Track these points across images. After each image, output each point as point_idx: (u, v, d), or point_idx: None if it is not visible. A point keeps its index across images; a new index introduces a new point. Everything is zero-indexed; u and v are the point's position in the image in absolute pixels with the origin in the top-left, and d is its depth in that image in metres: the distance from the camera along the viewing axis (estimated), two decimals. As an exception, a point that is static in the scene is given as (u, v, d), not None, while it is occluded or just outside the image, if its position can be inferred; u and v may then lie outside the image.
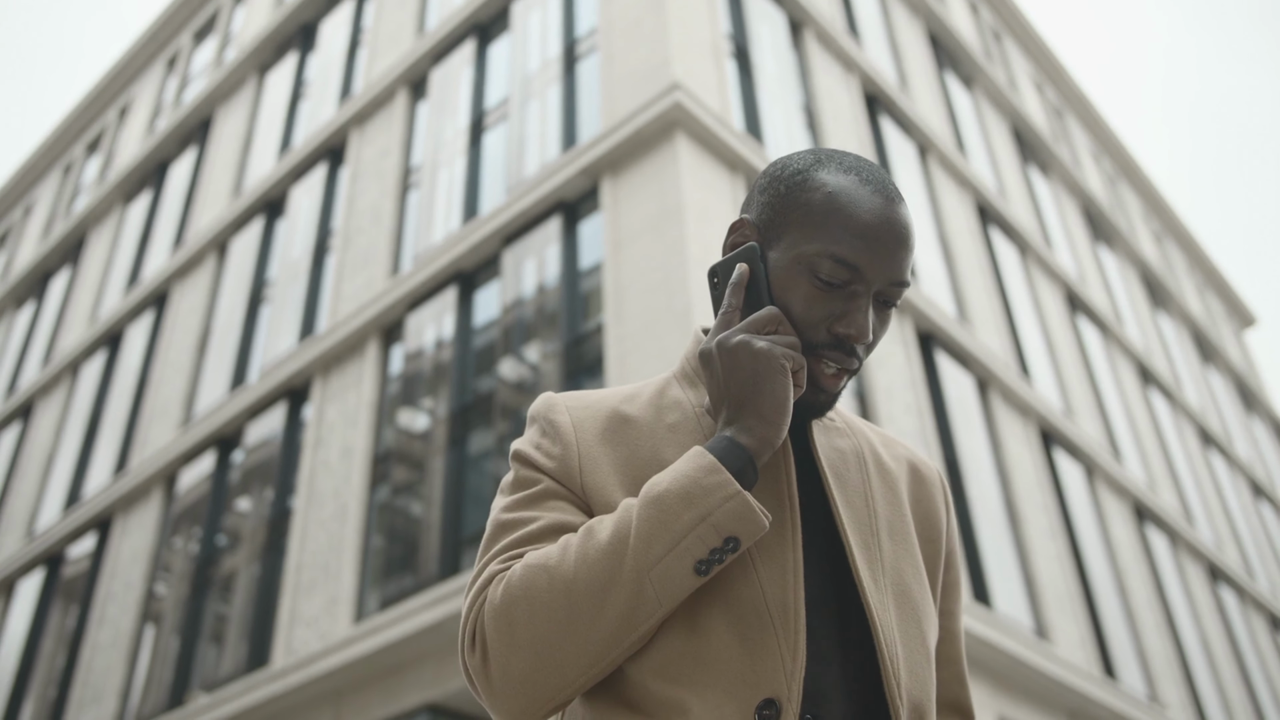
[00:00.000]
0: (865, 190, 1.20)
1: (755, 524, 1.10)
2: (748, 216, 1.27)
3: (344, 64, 15.57)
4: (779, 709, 1.08)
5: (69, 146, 23.29)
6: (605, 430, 1.24)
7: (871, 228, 1.18)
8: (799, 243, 1.20)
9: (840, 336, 1.19)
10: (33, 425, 17.91)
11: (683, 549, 1.08)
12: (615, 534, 1.10)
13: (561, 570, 1.10)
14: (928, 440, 11.32)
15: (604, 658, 1.09)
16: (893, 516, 1.25)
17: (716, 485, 1.09)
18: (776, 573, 1.14)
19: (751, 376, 1.14)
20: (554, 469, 1.22)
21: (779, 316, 1.18)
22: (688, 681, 1.10)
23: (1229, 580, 18.24)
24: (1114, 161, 24.72)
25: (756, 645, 1.11)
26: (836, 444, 1.28)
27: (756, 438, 1.13)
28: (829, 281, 1.18)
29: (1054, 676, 10.84)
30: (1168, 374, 20.70)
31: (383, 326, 11.95)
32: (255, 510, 12.33)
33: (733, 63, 11.74)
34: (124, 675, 12.36)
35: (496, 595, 1.11)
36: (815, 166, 1.24)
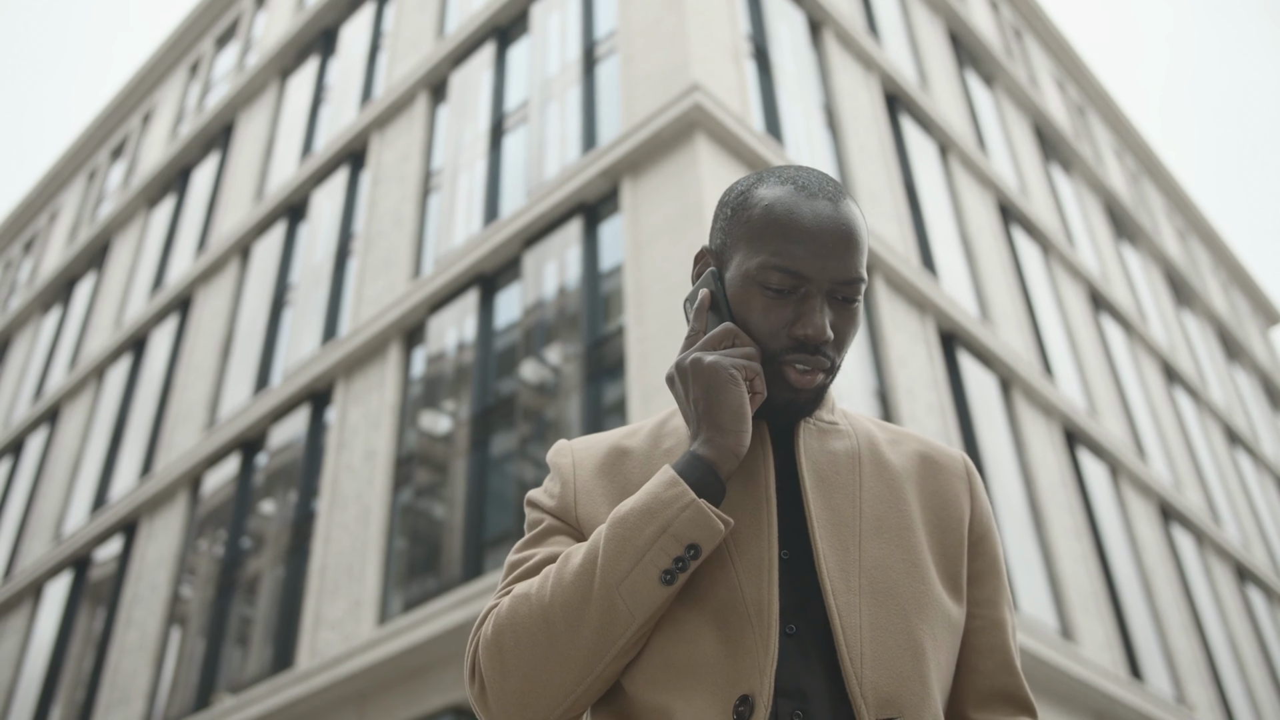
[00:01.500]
0: (801, 197, 1.26)
1: (712, 529, 1.15)
2: (708, 246, 1.35)
3: (365, 68, 15.65)
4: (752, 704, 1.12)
5: (94, 153, 23.50)
6: (603, 465, 1.33)
7: (809, 232, 1.23)
8: (746, 259, 1.26)
9: (799, 339, 1.24)
10: (59, 429, 18.08)
11: (647, 562, 1.14)
12: (585, 557, 1.17)
13: (540, 596, 1.17)
14: (951, 440, 11.27)
15: (589, 674, 1.16)
16: (886, 514, 1.26)
17: (674, 497, 1.16)
18: (753, 572, 1.19)
19: (704, 390, 1.20)
20: (554, 507, 1.31)
21: (733, 330, 1.24)
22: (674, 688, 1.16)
23: (1257, 580, 18.07)
24: (1137, 159, 24.55)
25: (736, 644, 1.16)
26: (831, 446, 1.31)
27: (715, 448, 1.18)
28: (779, 290, 1.24)
29: (1079, 678, 10.77)
30: (1193, 372, 20.53)
31: (404, 329, 12.00)
32: (279, 513, 12.40)
33: (752, 63, 11.73)
34: (150, 677, 12.46)
35: (488, 629, 1.20)
36: (756, 184, 1.30)
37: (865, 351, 11.00)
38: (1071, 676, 10.70)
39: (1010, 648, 1.32)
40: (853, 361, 10.67)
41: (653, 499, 1.17)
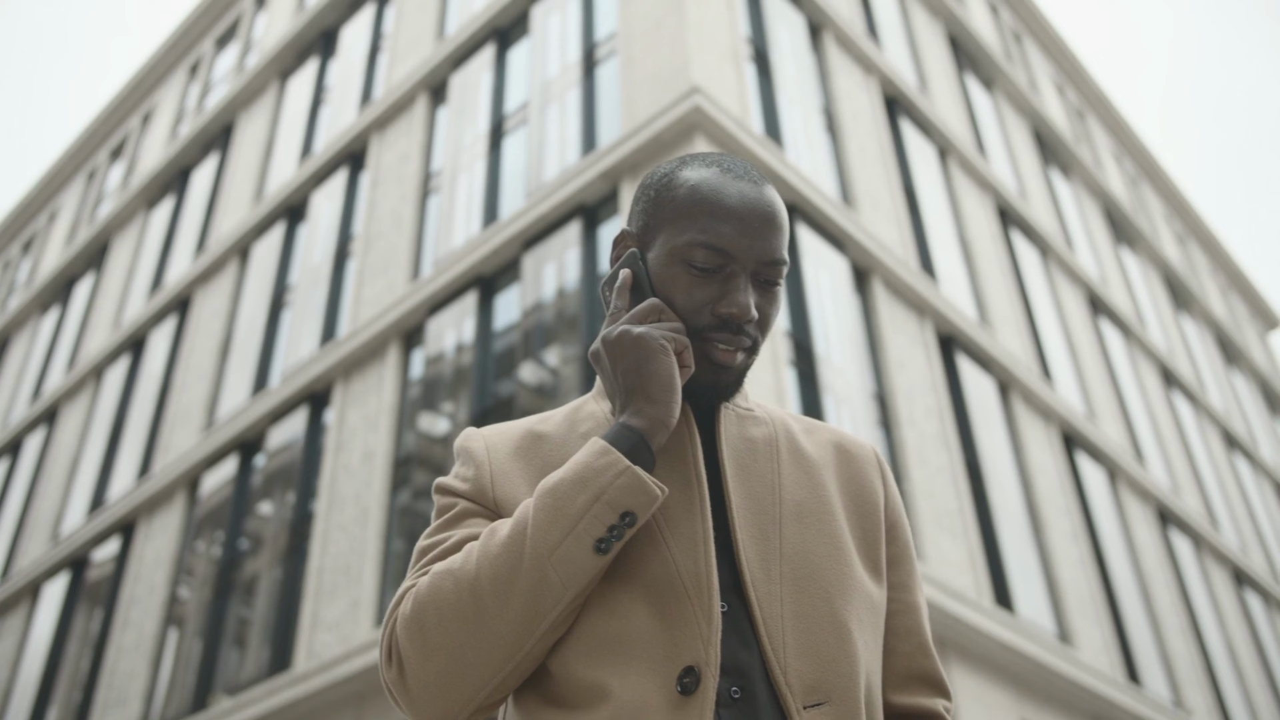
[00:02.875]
0: (727, 178, 1.27)
1: (648, 495, 1.13)
2: (628, 228, 1.34)
3: (364, 69, 15.65)
4: (698, 675, 1.11)
5: (93, 153, 23.49)
6: (518, 448, 1.30)
7: (735, 211, 1.24)
8: (671, 238, 1.26)
9: (723, 317, 1.24)
10: (57, 430, 18.06)
11: (580, 530, 1.11)
12: (514, 528, 1.14)
13: (465, 571, 1.13)
14: (949, 443, 11.27)
15: (517, 650, 1.12)
16: (806, 500, 1.27)
17: (607, 465, 1.14)
18: (687, 546, 1.18)
19: (634, 362, 1.19)
20: (468, 490, 1.27)
21: (659, 306, 1.24)
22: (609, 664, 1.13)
23: (1254, 585, 18.08)
24: (1136, 163, 24.57)
25: (674, 618, 1.14)
26: (749, 433, 1.31)
27: (646, 418, 1.17)
28: (703, 268, 1.24)
29: (1077, 681, 10.77)
30: (1191, 376, 20.54)
31: (403, 331, 12.00)
32: (277, 514, 12.39)
33: (752, 66, 11.73)
34: (147, 678, 12.44)
35: (407, 608, 1.15)
36: (679, 167, 1.31)
37: (864, 354, 11.01)
38: (1069, 680, 10.70)
39: (925, 630, 1.34)
40: (851, 365, 10.68)
41: (584, 468, 1.14)
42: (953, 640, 9.73)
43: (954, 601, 9.52)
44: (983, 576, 10.56)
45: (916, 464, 10.52)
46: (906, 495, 10.27)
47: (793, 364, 9.85)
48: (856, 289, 11.55)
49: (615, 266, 1.32)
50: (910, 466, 10.42)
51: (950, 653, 9.70)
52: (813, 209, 11.04)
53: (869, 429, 10.40)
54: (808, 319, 10.39)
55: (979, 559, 10.68)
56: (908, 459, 10.46)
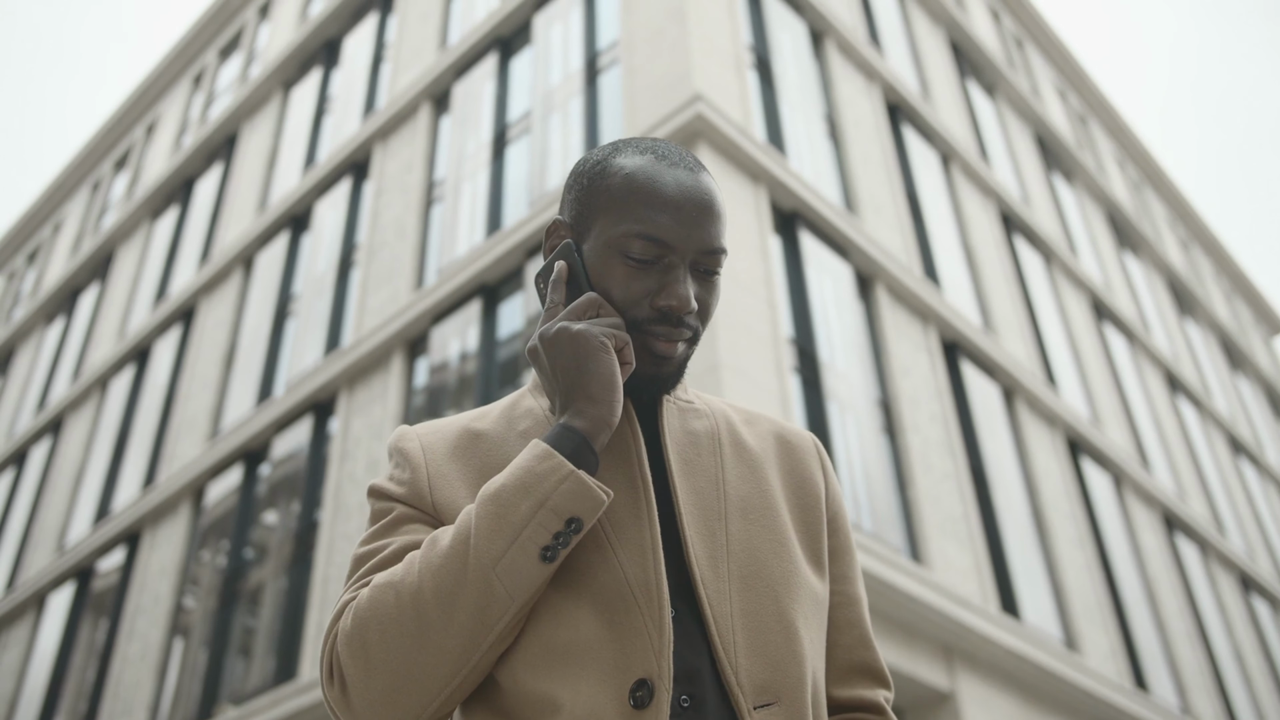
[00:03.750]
0: (662, 166, 1.23)
1: (593, 500, 1.10)
2: (561, 218, 1.30)
3: (367, 79, 15.69)
4: (651, 688, 1.08)
5: (97, 164, 23.56)
6: (455, 448, 1.25)
7: (673, 201, 1.20)
8: (607, 228, 1.22)
9: (662, 309, 1.20)
10: (63, 440, 18.09)
11: (525, 539, 1.08)
12: (456, 538, 1.10)
13: (407, 583, 1.09)
14: (954, 450, 11.26)
15: (464, 664, 1.08)
16: (750, 495, 1.25)
17: (550, 470, 1.10)
18: (635, 553, 1.15)
19: (574, 360, 1.15)
20: (404, 494, 1.22)
21: (598, 300, 1.20)
22: (558, 676, 1.09)
23: (1261, 590, 18.02)
24: (1139, 168, 24.56)
25: (624, 628, 1.11)
26: (691, 426, 1.29)
27: (588, 418, 1.13)
28: (641, 259, 1.20)
29: (1084, 688, 10.73)
30: (1196, 382, 20.51)
31: (407, 340, 12.01)
32: (282, 523, 12.40)
33: (754, 73, 11.75)
34: (153, 688, 12.44)
35: (347, 623, 1.11)
36: (613, 154, 1.26)
37: (868, 361, 11.00)
38: (1076, 686, 10.67)
39: (866, 622, 1.33)
40: (855, 371, 10.67)
41: (526, 473, 1.10)
42: (959, 647, 9.71)
43: (960, 608, 9.50)
44: (988, 583, 10.54)
45: (921, 470, 10.51)
46: (911, 502, 10.26)
47: (797, 371, 9.85)
48: (860, 295, 11.55)
49: (549, 258, 1.28)
50: (915, 473, 10.41)
51: (956, 660, 9.68)
52: (816, 216, 11.04)
53: (873, 436, 10.39)
54: (811, 326, 10.39)
55: (984, 565, 10.66)
56: (913, 465, 10.45)
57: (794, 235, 10.87)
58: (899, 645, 9.14)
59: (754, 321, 9.35)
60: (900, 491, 10.34)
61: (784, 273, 10.46)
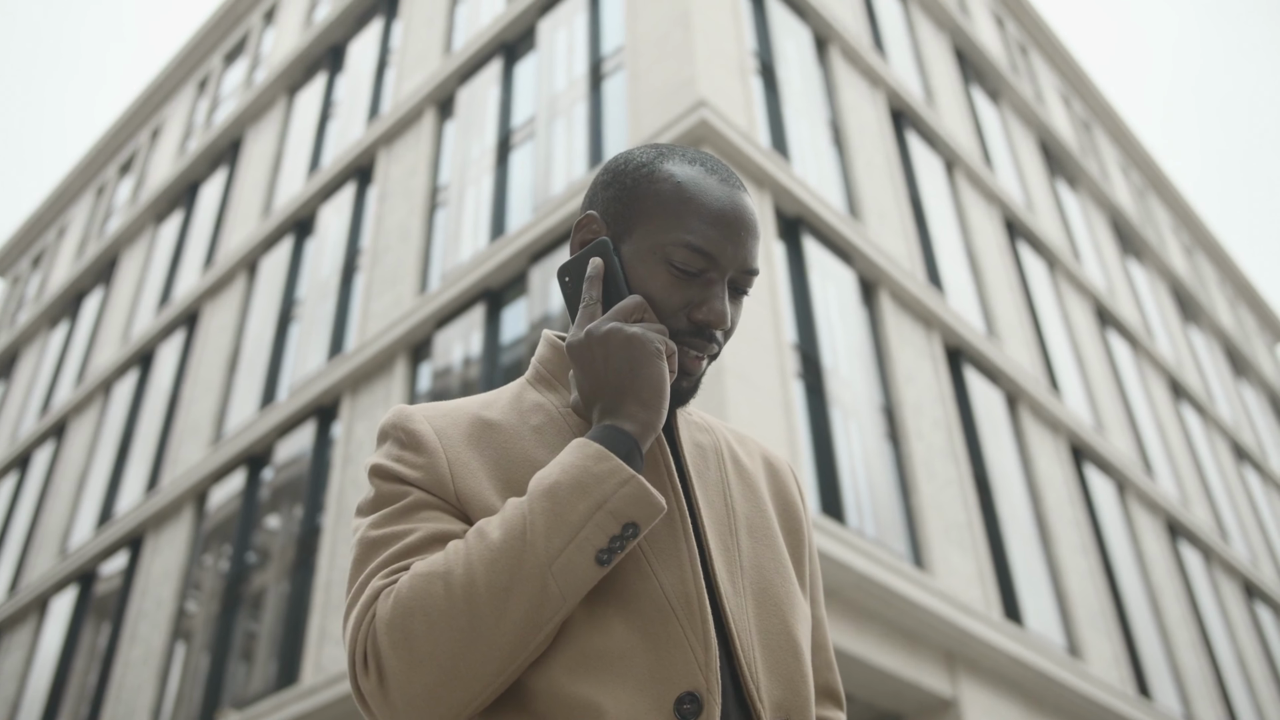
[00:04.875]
0: (713, 180, 1.22)
1: (653, 506, 1.07)
2: (593, 212, 1.26)
3: (372, 84, 15.72)
4: (701, 702, 1.07)
5: (102, 168, 23.60)
6: (470, 436, 1.20)
7: (723, 216, 1.20)
8: (653, 233, 1.20)
9: (699, 323, 1.19)
10: (66, 444, 18.11)
11: (582, 539, 1.05)
12: (510, 532, 1.06)
13: (457, 575, 1.04)
14: (957, 456, 11.25)
15: (510, 663, 1.05)
16: (752, 514, 1.25)
17: (609, 472, 1.07)
18: (673, 565, 1.13)
19: (627, 363, 1.12)
20: (421, 479, 1.16)
21: (644, 304, 1.17)
22: (598, 681, 1.07)
23: (1265, 597, 17.98)
24: (1143, 174, 24.55)
25: (661, 639, 1.09)
26: (699, 440, 1.28)
27: (639, 423, 1.11)
28: (685, 269, 1.19)
29: (1087, 695, 10.71)
30: (1200, 388, 20.49)
31: (411, 344, 12.02)
32: (285, 528, 12.40)
33: (758, 79, 11.76)
34: (155, 693, 12.44)
35: (386, 610, 1.05)
36: (660, 159, 1.25)
37: (871, 367, 11.00)
38: (1079, 694, 10.65)
39: (830, 644, 1.34)
40: (859, 377, 10.67)
41: (583, 472, 1.07)
42: (962, 654, 9.70)
43: (963, 615, 9.49)
44: (991, 589, 10.52)
45: (925, 477, 10.50)
46: (914, 508, 10.25)
47: (800, 377, 9.85)
48: (864, 301, 11.55)
49: (581, 252, 1.24)
50: (919, 479, 10.40)
51: (959, 666, 9.66)
52: (819, 222, 11.05)
53: (877, 442, 10.39)
54: (815, 332, 10.39)
55: (988, 572, 10.64)
56: (916, 472, 10.44)
57: (798, 241, 10.88)
58: (902, 651, 9.12)
59: (757, 327, 9.35)
60: (903, 498, 10.33)
61: (788, 278, 10.47)
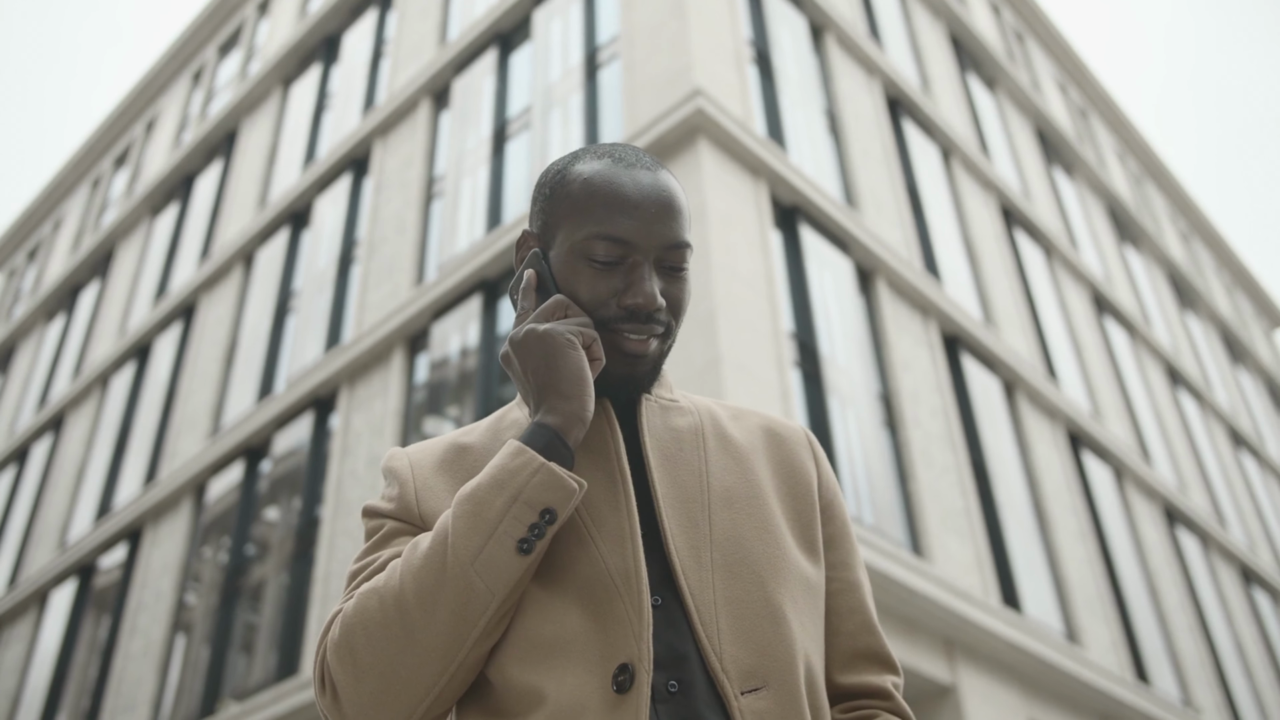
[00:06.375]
0: (620, 168, 1.26)
1: (565, 490, 1.12)
2: (529, 229, 1.33)
3: (367, 75, 15.68)
4: (632, 672, 1.10)
5: (97, 161, 23.55)
6: (441, 462, 1.29)
7: (631, 200, 1.23)
8: (570, 234, 1.25)
9: (630, 308, 1.23)
10: (64, 437, 18.10)
11: (501, 533, 1.10)
12: (435, 539, 1.12)
13: (389, 587, 1.11)
14: (955, 443, 11.26)
15: (450, 662, 1.10)
16: (734, 485, 1.26)
17: (522, 465, 1.13)
18: (615, 543, 1.17)
19: (542, 359, 1.18)
20: (394, 509, 1.25)
21: (565, 302, 1.23)
22: (544, 668, 1.11)
23: (1262, 582, 18.03)
24: (1139, 161, 24.54)
25: (606, 617, 1.13)
26: (673, 423, 1.31)
27: (560, 414, 1.16)
28: (605, 260, 1.23)
29: (1085, 680, 10.75)
30: (1197, 375, 20.51)
31: (408, 335, 12.01)
32: (283, 519, 12.41)
33: (754, 68, 11.74)
34: (156, 684, 12.46)
35: (335, 632, 1.13)
36: (572, 162, 1.30)
37: (868, 356, 11.00)
38: (1077, 680, 10.68)
39: (869, 608, 1.33)
40: (856, 366, 10.67)
41: (499, 470, 1.13)
42: (960, 640, 9.72)
43: (961, 601, 9.51)
44: (989, 576, 10.55)
45: (922, 464, 10.52)
46: (912, 496, 10.26)
47: (797, 365, 9.85)
48: (860, 290, 11.55)
49: (520, 269, 1.31)
50: (916, 467, 10.41)
51: (958, 653, 9.69)
52: (816, 210, 11.04)
53: (874, 430, 10.40)
54: (812, 320, 10.39)
55: (985, 559, 10.67)
56: (913, 459, 10.45)
57: (794, 230, 10.87)
58: (900, 638, 9.15)
59: (754, 316, 9.35)
60: (901, 485, 10.35)
61: (784, 267, 10.46)
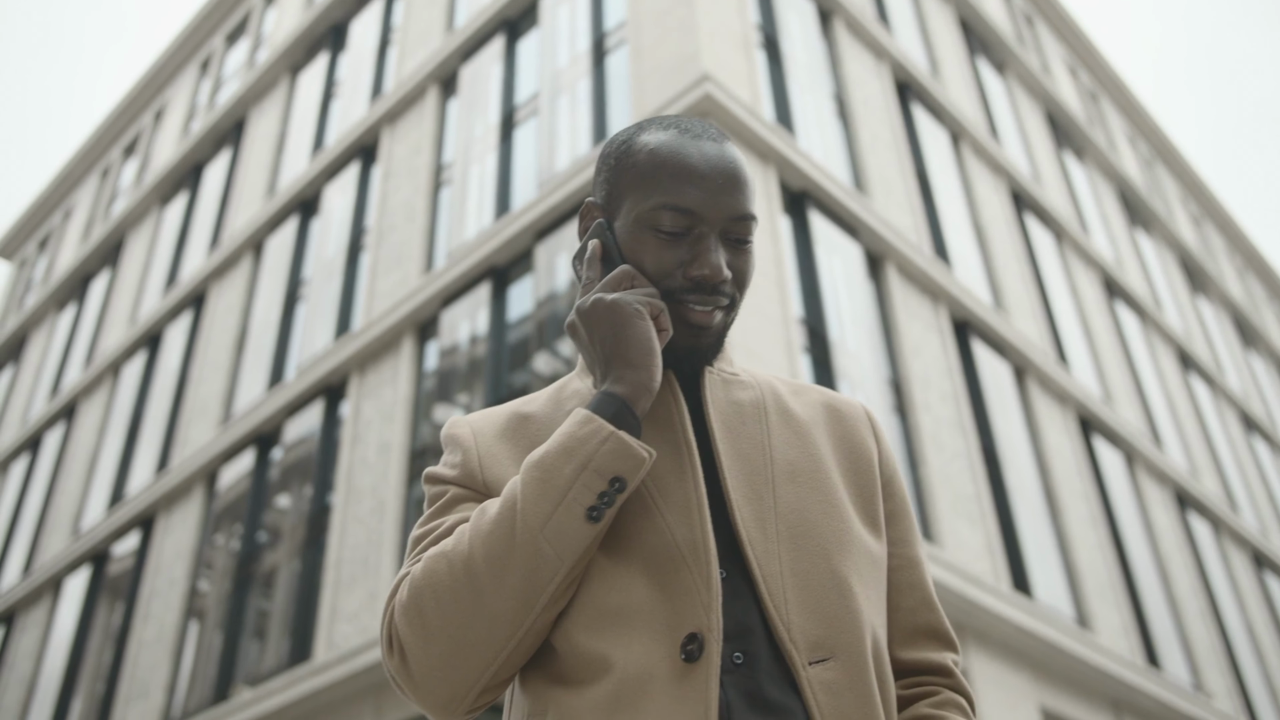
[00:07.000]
0: (686, 139, 1.26)
1: (635, 459, 1.12)
2: (592, 200, 1.33)
3: (374, 63, 15.67)
4: (701, 642, 1.10)
5: (106, 150, 23.59)
6: (504, 430, 1.29)
7: (698, 171, 1.23)
8: (636, 204, 1.25)
9: (695, 279, 1.23)
10: (76, 426, 18.19)
11: (570, 500, 1.10)
12: (503, 504, 1.13)
13: (458, 551, 1.12)
14: (965, 429, 11.25)
15: (518, 627, 1.11)
16: (798, 460, 1.26)
17: (591, 433, 1.12)
18: (682, 514, 1.17)
19: (611, 328, 1.18)
20: (457, 476, 1.25)
21: (631, 272, 1.23)
22: (611, 635, 1.11)
23: (1274, 567, 17.99)
24: (1150, 144, 24.41)
25: (673, 587, 1.13)
26: (735, 396, 1.30)
27: (628, 384, 1.16)
28: (671, 231, 1.23)
29: (1096, 665, 10.74)
30: (1208, 359, 20.43)
31: (417, 323, 12.03)
32: (295, 507, 12.46)
33: (762, 53, 11.69)
34: (169, 671, 12.54)
35: (404, 594, 1.14)
36: (637, 133, 1.30)
37: (878, 340, 10.98)
38: (1088, 664, 10.68)
39: (928, 584, 1.33)
40: (866, 351, 10.66)
41: (568, 438, 1.13)
42: (971, 625, 9.73)
43: (972, 586, 9.51)
44: (1000, 561, 10.54)
45: (933, 450, 10.50)
46: (923, 481, 10.26)
47: (807, 350, 9.84)
48: (870, 275, 11.52)
49: (584, 239, 1.31)
50: (926, 452, 10.40)
51: (968, 638, 9.69)
52: (825, 195, 11.01)
53: (884, 415, 10.38)
54: (822, 305, 10.38)
55: (996, 544, 10.66)
56: (924, 445, 10.44)
57: (803, 215, 10.85)
58: (910, 624, 9.15)
59: (764, 302, 9.34)
60: (912, 470, 10.34)
61: (794, 253, 10.44)
